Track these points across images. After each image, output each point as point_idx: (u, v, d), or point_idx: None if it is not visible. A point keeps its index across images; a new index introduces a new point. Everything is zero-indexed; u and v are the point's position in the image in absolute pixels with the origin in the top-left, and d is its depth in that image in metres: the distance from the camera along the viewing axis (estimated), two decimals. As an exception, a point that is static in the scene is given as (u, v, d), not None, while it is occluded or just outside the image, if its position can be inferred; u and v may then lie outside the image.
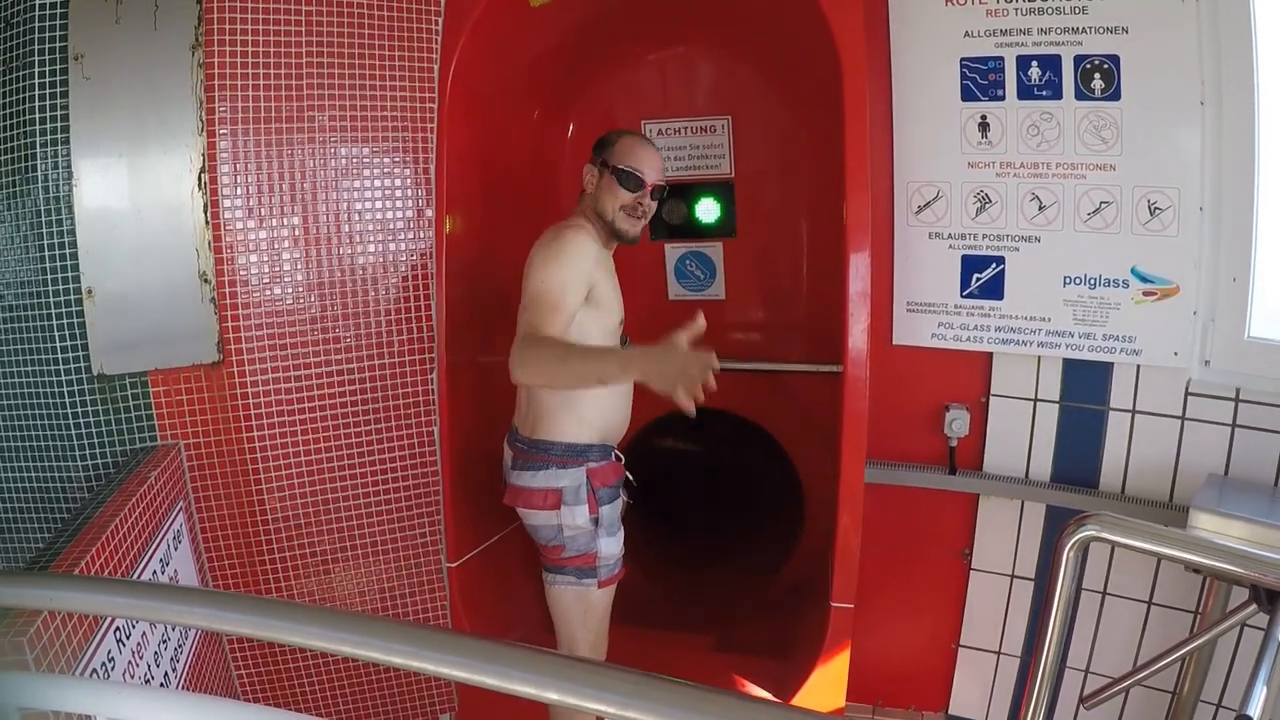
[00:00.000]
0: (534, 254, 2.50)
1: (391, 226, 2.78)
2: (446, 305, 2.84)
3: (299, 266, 2.68)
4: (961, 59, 2.86)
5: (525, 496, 2.57)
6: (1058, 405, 2.98)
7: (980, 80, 2.85)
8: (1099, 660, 3.06)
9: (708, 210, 3.61)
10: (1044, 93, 2.79)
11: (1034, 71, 2.79)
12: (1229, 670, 2.74)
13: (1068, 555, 1.73)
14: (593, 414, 2.57)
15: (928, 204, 2.98)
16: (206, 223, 2.54)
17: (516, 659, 0.97)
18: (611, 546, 2.60)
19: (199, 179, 2.52)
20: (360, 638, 1.03)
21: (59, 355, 2.45)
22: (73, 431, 2.50)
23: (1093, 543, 1.78)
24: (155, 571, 2.23)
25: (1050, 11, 2.75)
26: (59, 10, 2.38)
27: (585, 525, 2.54)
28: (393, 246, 2.79)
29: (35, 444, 2.53)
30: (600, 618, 2.66)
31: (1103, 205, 2.78)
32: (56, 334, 2.44)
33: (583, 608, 2.61)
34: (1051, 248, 2.87)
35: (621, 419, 2.68)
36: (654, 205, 2.64)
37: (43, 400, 2.49)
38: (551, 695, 0.92)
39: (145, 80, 2.47)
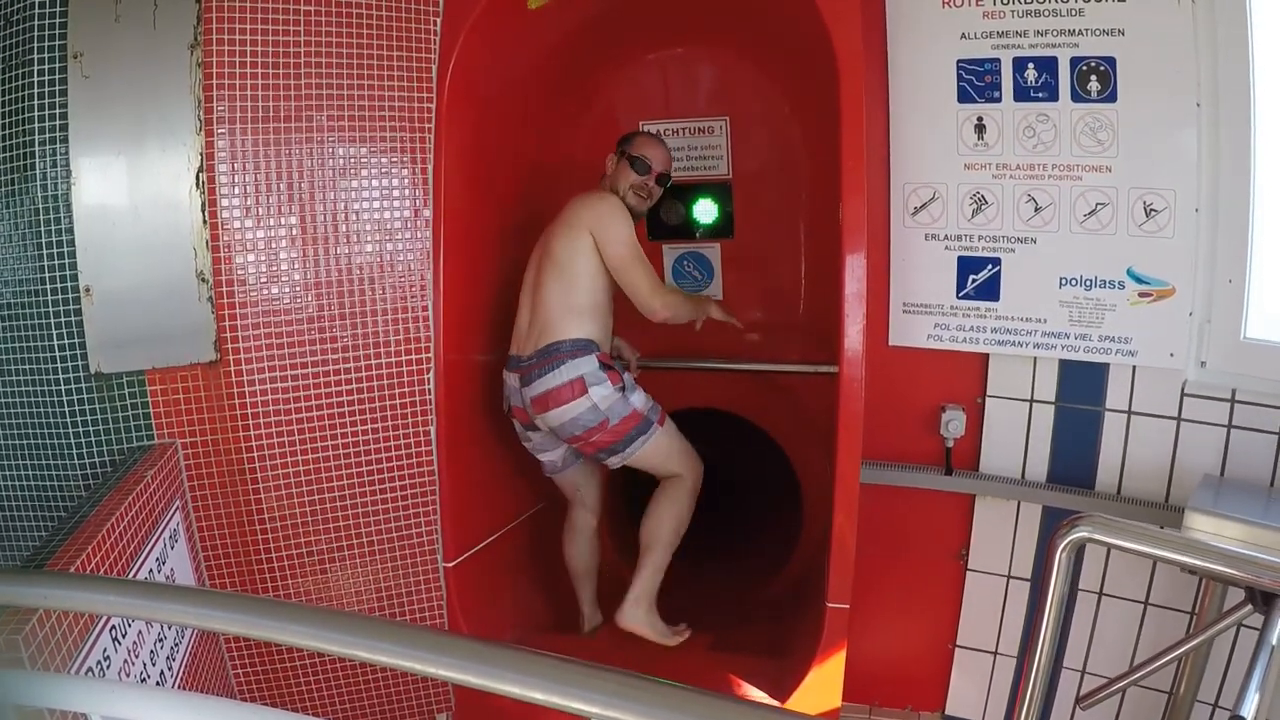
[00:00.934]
0: (603, 210, 3.04)
1: (389, 226, 2.78)
2: (444, 305, 2.84)
3: (296, 266, 2.68)
4: (958, 60, 2.87)
5: (553, 396, 2.94)
6: (1054, 406, 2.99)
7: (977, 82, 2.85)
8: (1095, 660, 3.06)
9: (705, 211, 3.62)
10: (1040, 94, 2.80)
11: (1030, 73, 2.79)
12: (1225, 670, 2.75)
13: (1060, 557, 1.73)
14: (589, 321, 3.02)
15: (924, 205, 2.99)
16: (204, 222, 2.54)
17: (504, 659, 0.97)
18: (642, 398, 3.05)
19: (197, 178, 2.52)
20: (350, 637, 1.03)
21: (56, 353, 2.45)
22: (70, 430, 2.50)
23: (1088, 544, 1.79)
24: (151, 570, 2.23)
25: (1046, 14, 2.76)
26: (58, 8, 2.38)
27: (614, 394, 2.96)
28: (390, 246, 2.79)
29: (32, 442, 2.53)
30: (681, 445, 3.14)
31: (1099, 207, 2.79)
32: (54, 332, 2.44)
33: (665, 453, 3.08)
34: (1047, 249, 2.88)
35: (608, 329, 3.13)
36: (659, 190, 3.21)
37: (40, 398, 2.50)
38: (537, 696, 0.93)
39: (144, 79, 2.47)
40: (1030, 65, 2.80)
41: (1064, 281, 2.87)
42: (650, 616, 3.13)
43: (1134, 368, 2.86)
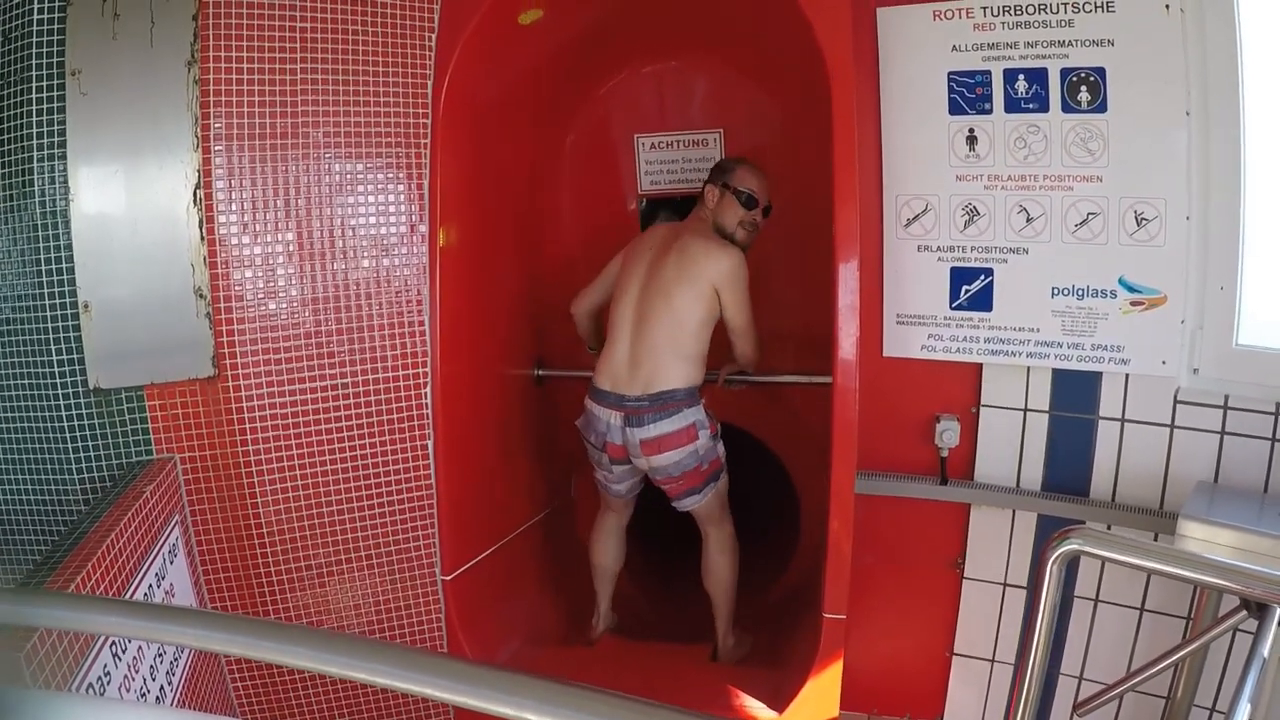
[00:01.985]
0: (732, 270, 3.08)
1: (386, 242, 2.80)
2: (441, 319, 2.85)
3: (294, 281, 2.69)
4: (949, 72, 2.88)
5: (667, 441, 3.06)
6: (1047, 415, 3.00)
7: (968, 94, 2.87)
8: (1092, 667, 3.07)
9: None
10: (1031, 105, 2.81)
11: (1021, 84, 2.81)
12: (1222, 674, 2.76)
13: (1051, 569, 1.74)
14: (696, 369, 3.13)
15: (916, 217, 3.00)
16: (202, 238, 2.55)
17: (498, 681, 0.98)
18: (722, 446, 3.22)
19: (194, 194, 2.54)
20: (347, 659, 1.04)
21: (55, 369, 2.46)
22: (69, 445, 2.51)
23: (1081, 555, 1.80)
24: (151, 585, 2.24)
25: (1036, 25, 2.77)
26: (56, 26, 2.40)
27: (712, 441, 3.14)
28: (387, 261, 2.80)
29: (31, 457, 2.54)
30: (727, 493, 3.30)
31: (1090, 216, 2.80)
32: (53, 347, 2.45)
33: (721, 500, 3.25)
34: (1039, 259, 2.89)
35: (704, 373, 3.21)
36: (763, 221, 3.27)
37: (39, 413, 2.50)
38: (531, 718, 0.94)
39: (142, 96, 2.48)
40: (1021, 76, 2.81)
41: (1056, 291, 2.88)
42: (738, 648, 3.37)
43: (1127, 376, 2.87)
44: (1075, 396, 2.95)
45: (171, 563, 2.43)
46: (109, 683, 1.87)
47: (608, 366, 3.15)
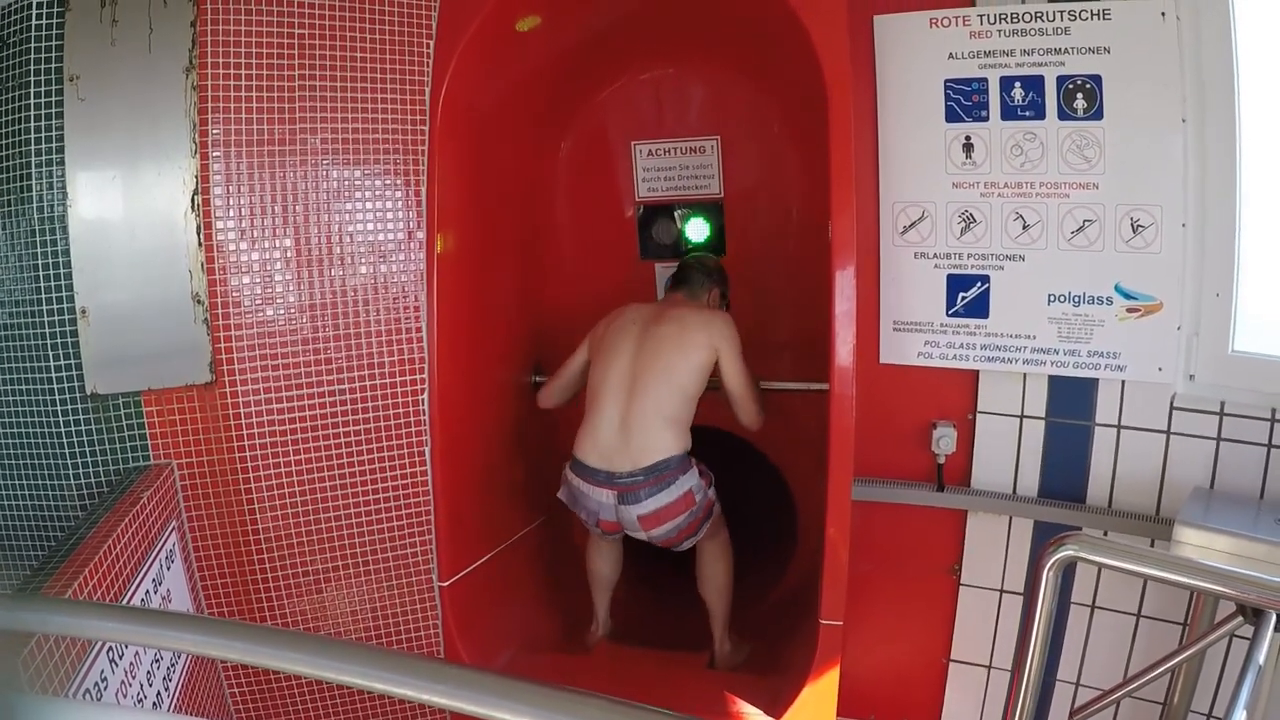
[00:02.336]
0: (734, 331, 3.12)
1: (383, 248, 2.80)
2: (438, 326, 2.86)
3: (291, 288, 2.69)
4: (945, 80, 2.89)
5: (665, 512, 3.01)
6: (1044, 421, 3.01)
7: (964, 101, 2.88)
8: (1089, 673, 3.08)
9: (697, 229, 3.64)
10: (1027, 113, 2.82)
11: (1017, 92, 2.82)
12: (1218, 680, 2.76)
13: (1047, 575, 1.74)
14: (685, 431, 3.07)
15: (913, 224, 3.01)
16: (200, 244, 2.56)
17: (495, 686, 0.98)
18: (712, 489, 3.18)
19: (192, 200, 2.54)
20: (343, 664, 1.05)
21: (52, 374, 2.46)
22: (66, 450, 2.51)
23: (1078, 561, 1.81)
24: (148, 592, 2.24)
25: (1033, 33, 2.78)
26: (55, 32, 2.40)
27: (706, 492, 3.11)
28: (384, 268, 2.80)
29: (29, 463, 2.54)
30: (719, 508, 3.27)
31: (1086, 223, 2.81)
32: (50, 353, 2.45)
33: (720, 520, 3.25)
34: (1036, 266, 2.90)
35: None
36: None
37: (36, 419, 2.50)
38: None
39: (140, 102, 2.48)
40: (1017, 84, 2.82)
41: (1052, 298, 2.89)
42: (735, 654, 3.34)
43: (1123, 382, 2.88)
44: (1071, 403, 2.96)
45: (168, 568, 2.43)
46: (106, 688, 1.87)
47: (593, 440, 3.07)
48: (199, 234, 2.55)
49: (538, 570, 3.56)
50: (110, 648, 1.91)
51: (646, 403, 3.01)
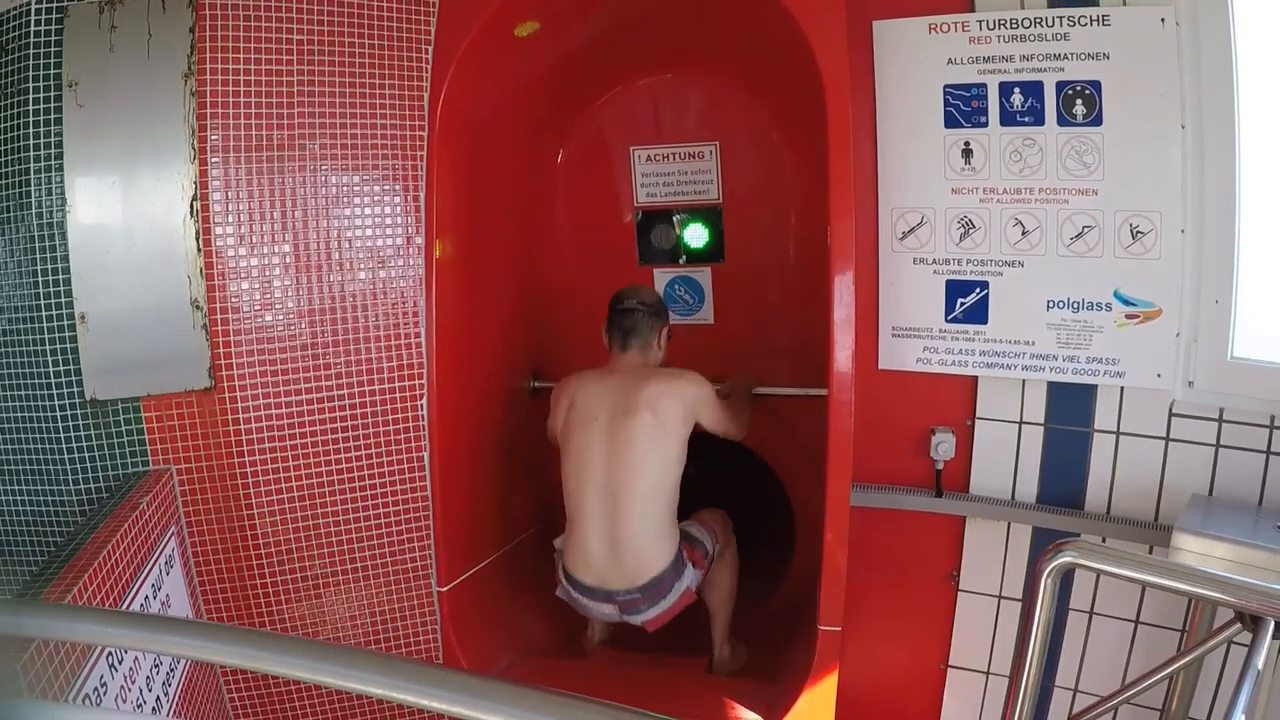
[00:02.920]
0: (705, 388, 3.05)
1: (382, 254, 2.80)
2: (436, 331, 2.86)
3: (290, 293, 2.69)
4: (945, 86, 2.89)
5: (668, 614, 3.03)
6: (1043, 428, 3.00)
7: (963, 107, 2.88)
8: (1087, 679, 3.07)
9: (696, 235, 3.65)
10: (1026, 119, 2.82)
11: (1016, 98, 2.82)
12: (1216, 687, 2.75)
13: (1045, 582, 1.74)
14: (675, 525, 3.04)
15: (912, 230, 3.01)
16: (198, 249, 2.56)
17: (493, 692, 0.98)
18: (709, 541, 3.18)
19: (191, 206, 2.54)
20: (342, 669, 1.05)
21: (52, 380, 2.47)
22: (66, 455, 2.52)
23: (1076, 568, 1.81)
24: (147, 597, 2.24)
25: (1032, 39, 2.78)
26: (54, 38, 2.41)
27: (703, 572, 3.13)
28: (383, 274, 2.81)
29: (28, 468, 2.54)
30: (726, 525, 3.36)
31: (1085, 230, 2.81)
32: (49, 359, 2.46)
33: (726, 541, 3.30)
34: (1034, 272, 2.89)
35: None
36: None
37: (35, 425, 2.51)
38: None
39: (138, 108, 2.49)
40: (1016, 90, 2.82)
41: (1051, 304, 2.89)
42: (734, 660, 3.36)
43: (1122, 389, 2.87)
44: (1070, 409, 2.95)
45: (168, 574, 2.43)
46: (105, 693, 1.87)
47: (584, 560, 2.99)
48: (198, 239, 2.56)
49: (536, 575, 3.56)
50: (110, 653, 1.91)
51: (634, 522, 2.93)
